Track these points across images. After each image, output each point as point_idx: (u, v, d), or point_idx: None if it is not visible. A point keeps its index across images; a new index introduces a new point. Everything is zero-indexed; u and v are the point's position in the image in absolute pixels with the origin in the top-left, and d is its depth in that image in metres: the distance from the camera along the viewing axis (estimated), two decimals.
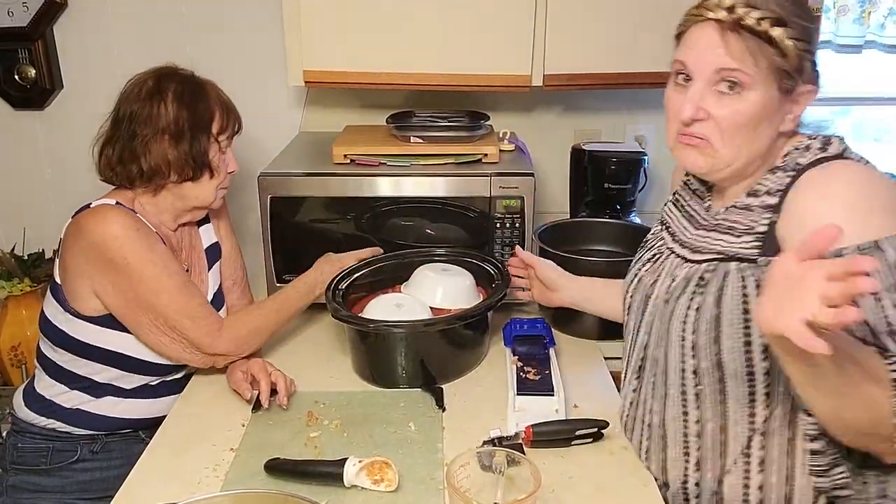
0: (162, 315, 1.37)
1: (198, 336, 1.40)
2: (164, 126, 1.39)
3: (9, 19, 1.98)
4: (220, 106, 1.47)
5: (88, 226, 1.36)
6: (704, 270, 1.10)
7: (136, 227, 1.37)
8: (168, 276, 1.38)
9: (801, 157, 1.04)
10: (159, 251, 1.39)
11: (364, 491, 1.15)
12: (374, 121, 1.99)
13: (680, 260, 1.17)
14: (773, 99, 1.01)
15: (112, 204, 1.40)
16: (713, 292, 1.07)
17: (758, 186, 1.07)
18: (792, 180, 1.03)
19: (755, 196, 1.07)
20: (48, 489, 1.47)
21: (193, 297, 1.42)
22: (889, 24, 2.10)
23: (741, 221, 1.07)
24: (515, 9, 1.72)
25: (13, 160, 2.13)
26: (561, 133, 2.12)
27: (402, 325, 1.42)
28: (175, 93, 1.41)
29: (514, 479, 1.05)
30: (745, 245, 1.05)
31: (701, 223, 1.17)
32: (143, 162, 1.40)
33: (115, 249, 1.34)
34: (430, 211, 1.70)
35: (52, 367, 1.46)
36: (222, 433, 1.31)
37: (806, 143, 1.05)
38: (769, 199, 1.05)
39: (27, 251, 2.09)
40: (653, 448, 1.19)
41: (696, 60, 1.03)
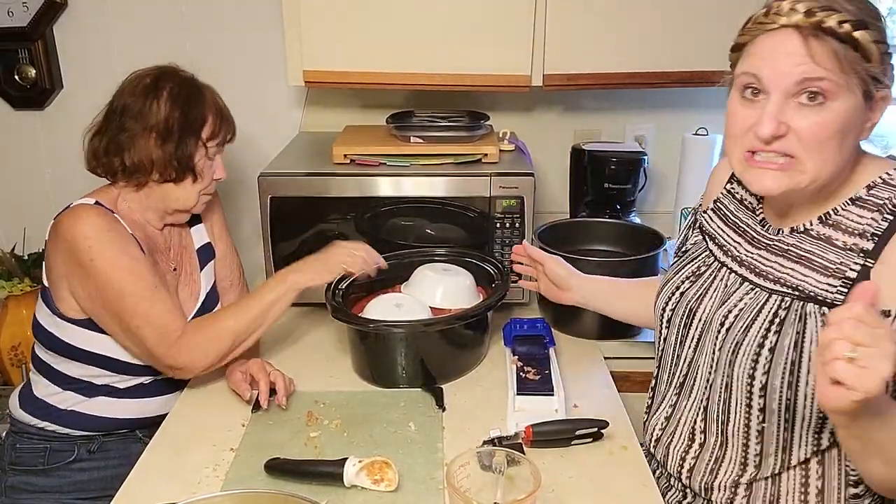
0: (123, 320, 1.35)
1: (153, 345, 1.35)
2: (154, 124, 1.39)
3: (9, 19, 1.98)
4: (215, 112, 1.46)
5: (63, 226, 1.35)
6: (779, 307, 1.04)
7: (108, 229, 1.35)
8: (133, 281, 1.34)
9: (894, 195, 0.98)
10: (130, 254, 1.36)
11: (364, 491, 1.15)
12: (374, 121, 1.99)
13: (737, 278, 1.11)
14: (858, 107, 0.94)
15: (90, 204, 1.39)
16: (791, 334, 1.02)
17: (838, 218, 1.01)
18: (890, 225, 0.96)
19: (837, 230, 1.00)
20: (46, 489, 1.47)
21: (157, 303, 1.36)
22: (890, 23, 2.09)
23: (823, 256, 1.01)
24: (515, 9, 1.72)
25: (13, 160, 2.13)
26: (561, 133, 2.12)
27: (402, 325, 1.42)
28: (171, 92, 1.41)
29: (514, 479, 1.05)
30: (830, 287, 0.99)
31: (759, 241, 1.11)
32: (127, 156, 1.39)
33: (84, 250, 1.33)
34: (430, 211, 1.70)
35: (46, 369, 1.46)
36: (222, 433, 1.31)
37: (893, 175, 0.99)
38: (863, 242, 0.98)
39: (27, 251, 2.09)
40: (698, 466, 1.16)
41: (773, 71, 0.95)
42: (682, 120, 2.07)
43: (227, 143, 1.51)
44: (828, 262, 1.01)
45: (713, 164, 2.00)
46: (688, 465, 1.18)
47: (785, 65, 0.94)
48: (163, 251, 1.50)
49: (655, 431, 1.25)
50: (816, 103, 0.94)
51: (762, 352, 1.04)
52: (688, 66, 1.76)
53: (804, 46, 0.92)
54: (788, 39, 0.93)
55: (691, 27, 1.73)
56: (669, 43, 1.76)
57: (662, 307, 1.23)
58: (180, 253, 1.54)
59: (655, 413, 1.27)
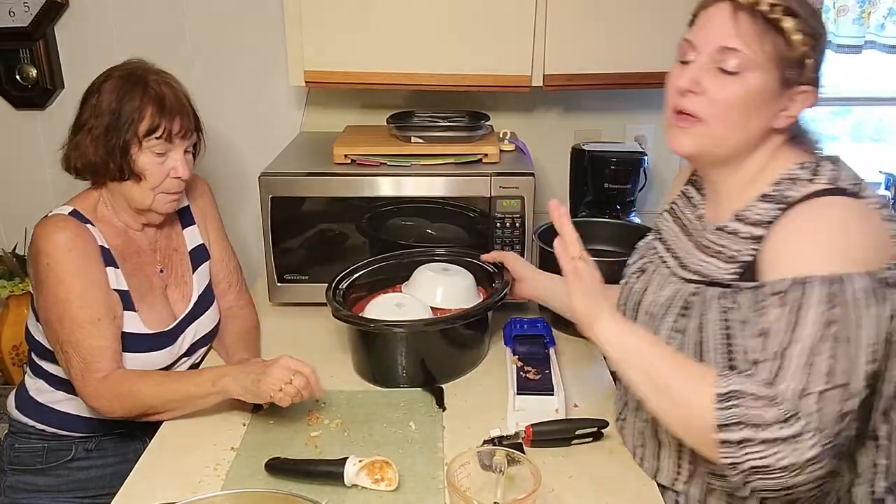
0: (59, 341, 1.33)
1: (75, 376, 1.33)
2: (90, 122, 1.35)
3: (10, 19, 1.98)
4: (156, 105, 1.36)
5: (34, 237, 1.35)
6: (690, 294, 1.11)
7: (70, 247, 1.32)
8: (78, 307, 1.31)
9: (790, 190, 1.03)
10: (86, 278, 1.33)
11: (364, 490, 1.15)
12: (375, 121, 1.99)
13: (668, 272, 1.18)
14: (770, 87, 1.01)
15: (65, 214, 1.37)
16: (696, 317, 1.09)
17: (746, 212, 1.07)
18: (780, 213, 1.03)
19: (743, 223, 1.07)
20: (44, 489, 1.48)
21: (93, 337, 1.32)
22: (889, 24, 2.10)
23: (728, 247, 1.08)
24: (515, 9, 1.72)
25: (14, 160, 2.14)
26: (561, 133, 2.12)
27: (403, 325, 1.42)
28: (112, 87, 1.36)
29: (514, 479, 1.06)
30: (727, 272, 1.07)
31: (691, 234, 1.18)
32: (76, 158, 1.37)
33: (42, 266, 1.32)
34: (430, 211, 1.70)
35: (39, 371, 1.47)
36: (223, 433, 1.32)
37: (795, 172, 1.05)
38: (756, 230, 1.05)
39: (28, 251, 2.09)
40: (647, 454, 1.20)
41: (703, 38, 1.04)
42: None
43: (184, 139, 1.40)
44: (730, 252, 1.07)
45: None
46: (638, 455, 1.22)
47: (713, 33, 1.02)
48: (147, 253, 1.48)
49: (620, 424, 1.29)
50: (731, 72, 1.01)
51: (673, 335, 1.11)
52: None
53: (732, 19, 1.00)
54: (721, 11, 1.02)
55: None
56: (670, 43, 1.74)
57: (618, 303, 1.29)
58: (169, 254, 1.52)
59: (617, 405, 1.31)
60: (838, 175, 1.03)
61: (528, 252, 1.72)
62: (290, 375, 1.27)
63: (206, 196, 1.62)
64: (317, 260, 1.74)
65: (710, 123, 1.04)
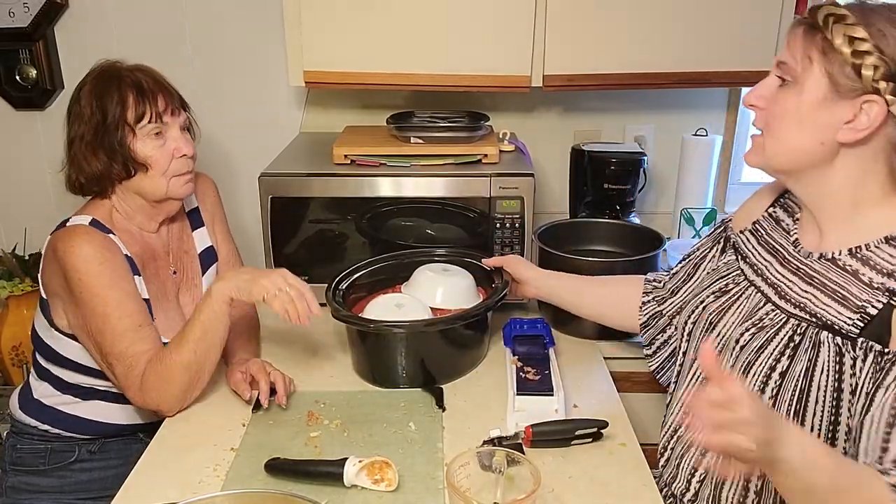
0: (103, 352, 1.33)
1: (124, 385, 1.34)
2: (81, 132, 1.34)
3: (10, 19, 1.98)
4: (134, 91, 1.34)
5: (57, 248, 1.33)
6: (794, 332, 1.04)
7: (100, 260, 1.31)
8: (118, 318, 1.31)
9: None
10: (120, 288, 1.32)
11: (364, 491, 1.15)
12: (374, 121, 2.00)
13: (762, 298, 1.11)
14: (822, 97, 0.97)
15: (86, 224, 1.36)
16: (803, 361, 1.01)
17: (869, 253, 0.99)
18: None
19: (866, 265, 0.99)
20: (47, 490, 1.48)
21: (138, 343, 1.32)
22: None
23: (846, 288, 1.00)
24: (515, 9, 1.72)
25: (14, 160, 2.14)
26: (561, 133, 2.12)
27: (403, 325, 1.42)
28: (87, 92, 1.35)
29: (514, 479, 1.06)
30: (847, 320, 0.99)
31: (788, 261, 1.10)
32: (80, 172, 1.36)
33: (74, 280, 1.31)
34: (430, 211, 1.70)
35: (45, 374, 1.47)
36: (222, 433, 1.31)
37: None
38: (888, 281, 0.96)
39: (28, 251, 2.09)
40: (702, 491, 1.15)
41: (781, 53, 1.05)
42: (681, 120, 2.08)
43: (174, 116, 1.39)
44: (849, 295, 1.00)
45: (713, 165, 2.02)
46: (693, 489, 1.16)
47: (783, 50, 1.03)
48: (161, 256, 1.48)
49: (666, 450, 1.24)
50: (785, 85, 1.01)
51: (773, 375, 1.04)
52: (688, 66, 1.77)
53: (794, 34, 1.00)
54: (794, 25, 1.02)
55: (691, 28, 1.74)
56: (669, 43, 1.76)
57: (685, 321, 1.23)
58: (180, 256, 1.53)
59: (667, 431, 1.24)
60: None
61: (528, 252, 1.72)
62: (285, 285, 1.30)
63: (212, 195, 1.62)
64: (317, 260, 1.74)
65: (767, 135, 1.04)
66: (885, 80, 0.93)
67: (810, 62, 0.97)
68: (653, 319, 1.41)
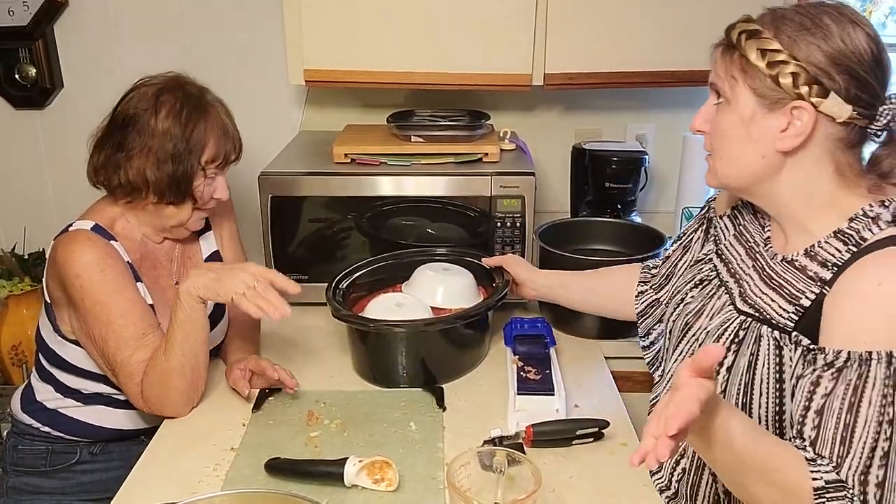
0: (106, 360, 1.33)
1: (129, 393, 1.34)
2: (151, 144, 1.32)
3: (9, 18, 1.98)
4: (219, 132, 1.38)
5: (59, 254, 1.32)
6: (739, 327, 1.06)
7: (101, 267, 1.29)
8: (122, 326, 1.30)
9: (867, 230, 0.97)
10: (123, 294, 1.31)
11: (364, 491, 1.15)
12: (375, 120, 1.99)
13: (727, 299, 1.12)
14: (749, 107, 0.99)
15: (88, 229, 1.34)
16: (746, 355, 1.04)
17: (819, 249, 1.01)
18: (852, 257, 0.96)
19: (814, 260, 1.01)
20: (48, 491, 1.47)
21: (141, 351, 1.31)
22: (890, 23, 2.10)
23: (793, 284, 1.02)
24: (516, 8, 1.72)
25: (13, 159, 2.13)
26: (561, 132, 2.11)
27: (403, 325, 1.41)
28: (172, 109, 1.33)
29: (515, 479, 1.05)
30: (784, 312, 1.01)
31: (756, 259, 1.11)
32: (123, 175, 1.34)
33: (75, 287, 1.29)
34: (430, 210, 1.70)
35: (47, 377, 1.46)
36: (222, 432, 1.31)
37: (876, 210, 0.98)
38: (823, 271, 0.99)
39: (28, 250, 2.09)
40: (681, 489, 1.16)
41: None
42: (682, 119, 2.07)
43: (232, 164, 1.43)
44: (791, 288, 1.02)
45: None
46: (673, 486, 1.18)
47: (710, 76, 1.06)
48: (164, 265, 1.47)
49: None
50: (720, 105, 1.03)
51: (720, 370, 1.06)
52: (688, 65, 1.76)
53: (715, 55, 1.04)
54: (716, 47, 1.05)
55: (691, 27, 1.73)
56: (670, 43, 1.76)
57: (669, 317, 1.25)
58: (184, 263, 1.51)
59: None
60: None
61: (528, 252, 1.71)
62: (253, 281, 1.25)
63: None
64: (317, 259, 1.74)
65: (715, 156, 1.07)
66: (806, 84, 0.95)
67: (735, 81, 1.00)
68: (650, 308, 1.40)
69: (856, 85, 0.94)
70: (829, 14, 0.96)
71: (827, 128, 0.97)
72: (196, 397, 1.37)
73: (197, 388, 1.36)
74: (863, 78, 0.95)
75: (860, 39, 0.95)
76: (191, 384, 1.34)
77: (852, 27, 0.95)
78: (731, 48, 1.00)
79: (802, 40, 0.95)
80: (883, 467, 0.90)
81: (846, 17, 0.96)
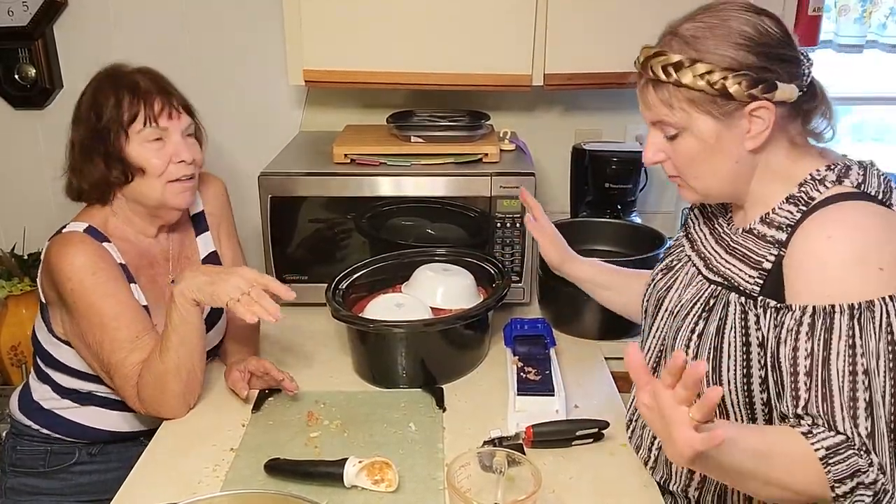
0: (101, 362, 1.32)
1: (125, 395, 1.34)
2: (81, 135, 1.32)
3: (9, 18, 1.98)
4: (129, 93, 1.31)
5: (52, 257, 1.31)
6: (710, 295, 1.10)
7: (93, 270, 1.29)
8: (116, 329, 1.29)
9: (814, 191, 1.01)
10: (115, 297, 1.30)
11: (364, 491, 1.15)
12: (375, 120, 1.99)
13: (695, 271, 1.17)
14: (710, 129, 1.01)
15: (80, 231, 1.34)
16: (715, 321, 1.08)
17: (773, 215, 1.05)
18: (803, 216, 1.01)
19: (771, 226, 1.05)
20: (46, 492, 1.47)
21: (135, 353, 1.30)
22: (890, 23, 2.09)
23: (754, 251, 1.06)
24: (516, 8, 1.71)
25: (13, 160, 2.13)
26: (561, 133, 2.11)
27: (403, 325, 1.41)
28: (88, 94, 1.33)
29: (515, 480, 1.05)
30: (749, 278, 1.05)
31: (720, 235, 1.16)
32: (81, 178, 1.34)
33: (67, 290, 1.29)
34: (430, 211, 1.70)
35: (43, 376, 1.46)
36: (222, 433, 1.31)
37: (823, 173, 1.02)
38: (779, 233, 1.03)
39: (27, 251, 2.09)
40: (658, 462, 1.18)
41: (644, 115, 1.08)
42: None
43: (172, 119, 1.34)
44: (751, 254, 1.07)
45: None
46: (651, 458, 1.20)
47: (644, 111, 1.07)
48: (160, 263, 1.46)
49: (632, 426, 1.26)
50: (671, 137, 1.04)
51: (692, 337, 1.10)
52: None
53: (645, 94, 1.04)
54: (640, 90, 1.06)
55: None
56: None
57: (642, 300, 1.28)
58: (181, 262, 1.50)
59: (630, 406, 1.29)
60: (866, 180, 1.01)
61: (528, 252, 1.71)
62: (247, 286, 1.24)
63: (220, 198, 1.59)
64: (317, 260, 1.74)
65: (688, 178, 1.08)
66: (753, 86, 0.97)
67: (687, 112, 1.01)
68: None
69: (788, 66, 1.00)
70: (734, 17, 0.99)
71: (780, 111, 1.01)
72: (192, 399, 1.37)
73: (193, 389, 1.36)
74: (790, 56, 1.00)
75: (771, 27, 0.99)
76: (187, 386, 1.33)
77: (759, 19, 0.99)
78: (661, 83, 1.01)
79: (729, 50, 0.98)
80: (869, 418, 0.91)
81: (748, 12, 1.00)
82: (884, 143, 2.51)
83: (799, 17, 1.85)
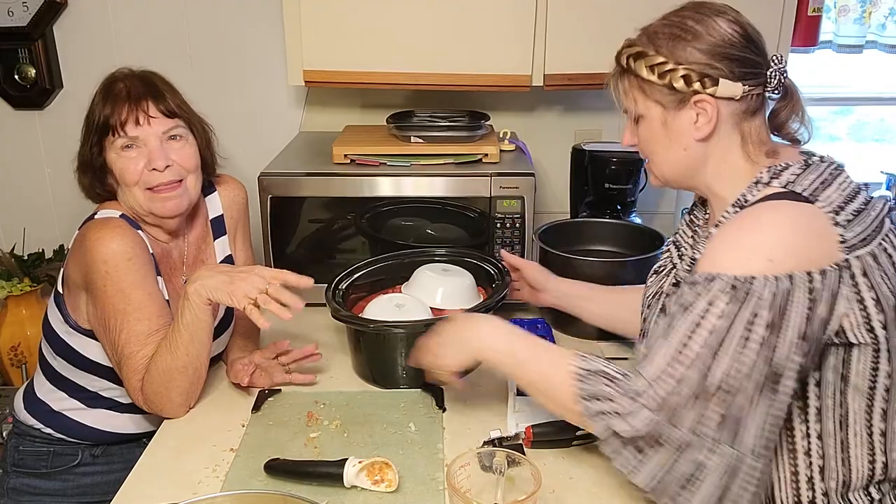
0: (115, 350, 1.31)
1: (130, 387, 1.33)
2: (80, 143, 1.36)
3: (9, 19, 1.98)
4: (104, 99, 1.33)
5: (88, 240, 1.31)
6: (666, 293, 1.19)
7: (129, 257, 1.29)
8: (137, 320, 1.29)
9: (750, 193, 1.07)
10: (144, 289, 1.30)
11: (364, 491, 1.15)
12: (374, 121, 1.99)
13: (678, 274, 1.23)
14: (660, 117, 1.11)
15: (116, 216, 1.34)
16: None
17: (721, 218, 1.11)
18: (735, 214, 1.07)
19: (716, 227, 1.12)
20: (49, 492, 1.47)
21: (148, 347, 1.30)
22: (890, 24, 2.10)
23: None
24: (515, 9, 1.72)
25: (13, 160, 2.13)
26: (561, 133, 2.11)
27: (403, 326, 1.41)
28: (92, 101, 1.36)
29: (515, 480, 1.05)
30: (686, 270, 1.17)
31: (698, 241, 1.23)
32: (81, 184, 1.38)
33: (101, 273, 1.28)
34: (430, 211, 1.70)
35: (52, 373, 1.45)
36: (222, 433, 1.31)
37: (761, 176, 1.07)
38: (714, 230, 1.10)
39: (27, 251, 2.09)
40: None
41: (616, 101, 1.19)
42: None
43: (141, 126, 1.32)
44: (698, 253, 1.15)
45: None
46: None
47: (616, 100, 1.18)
48: (177, 266, 1.46)
49: None
50: (636, 122, 1.15)
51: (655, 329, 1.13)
52: None
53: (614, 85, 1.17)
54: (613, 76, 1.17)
55: None
56: None
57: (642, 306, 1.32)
58: (195, 266, 1.48)
59: None
60: (797, 180, 1.04)
61: (528, 252, 1.71)
62: (265, 284, 1.25)
63: (240, 202, 1.57)
64: (317, 260, 1.74)
65: (650, 162, 1.18)
66: (697, 80, 1.06)
67: (638, 100, 1.12)
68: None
69: (737, 65, 1.05)
70: (691, 17, 1.08)
71: (728, 107, 1.07)
72: (194, 398, 1.37)
73: (197, 388, 1.36)
74: (740, 57, 1.06)
75: (723, 27, 1.06)
76: (192, 384, 1.33)
77: (713, 20, 1.06)
78: (625, 72, 1.12)
79: (679, 47, 1.07)
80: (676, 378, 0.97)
81: (705, 13, 1.07)
82: (884, 143, 2.51)
83: (799, 17, 1.85)
